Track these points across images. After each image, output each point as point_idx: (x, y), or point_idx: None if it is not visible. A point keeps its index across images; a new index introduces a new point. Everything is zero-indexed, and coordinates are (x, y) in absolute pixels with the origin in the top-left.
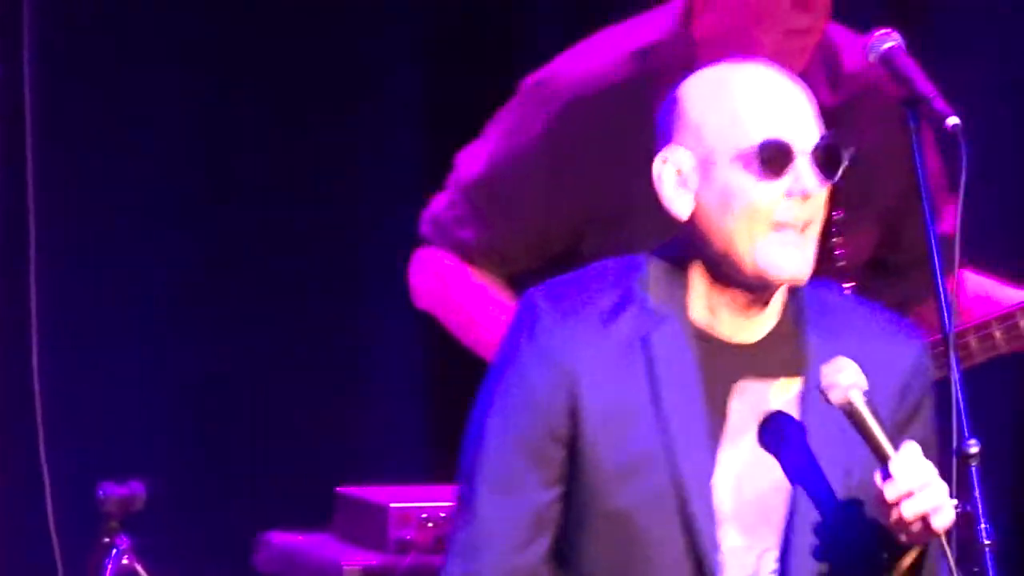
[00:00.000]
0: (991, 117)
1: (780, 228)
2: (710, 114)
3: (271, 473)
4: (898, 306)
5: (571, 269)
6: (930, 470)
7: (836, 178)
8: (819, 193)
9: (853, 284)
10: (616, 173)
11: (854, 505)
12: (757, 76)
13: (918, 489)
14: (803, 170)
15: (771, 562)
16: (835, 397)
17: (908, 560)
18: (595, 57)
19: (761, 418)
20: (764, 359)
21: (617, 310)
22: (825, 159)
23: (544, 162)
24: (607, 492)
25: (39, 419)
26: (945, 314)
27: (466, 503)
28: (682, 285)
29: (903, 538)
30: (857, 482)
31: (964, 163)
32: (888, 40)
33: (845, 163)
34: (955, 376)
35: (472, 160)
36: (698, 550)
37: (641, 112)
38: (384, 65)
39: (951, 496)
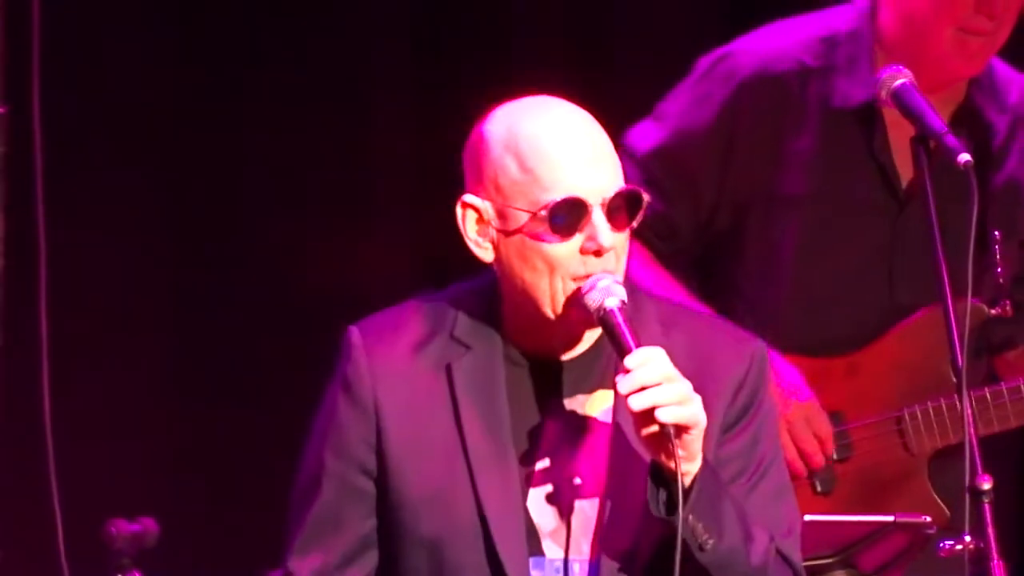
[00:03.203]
0: None
1: (579, 280)
2: (505, 168)
3: (283, 511)
4: (1010, 341)
5: (726, 253)
6: (667, 370)
7: (636, 224)
8: (616, 244)
9: (1008, 301)
10: (790, 153)
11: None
12: (555, 126)
13: (651, 383)
14: (598, 225)
15: (589, 571)
16: (592, 302)
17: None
18: (781, 38)
19: (576, 433)
20: (582, 375)
21: (426, 341)
22: (621, 207)
23: (722, 135)
24: (414, 520)
25: (50, 456)
26: (956, 348)
27: (291, 536)
28: (493, 313)
29: (648, 454)
30: None
31: (975, 198)
32: (899, 77)
33: (643, 209)
34: (967, 413)
35: (645, 134)
36: (506, 573)
37: (820, 97)
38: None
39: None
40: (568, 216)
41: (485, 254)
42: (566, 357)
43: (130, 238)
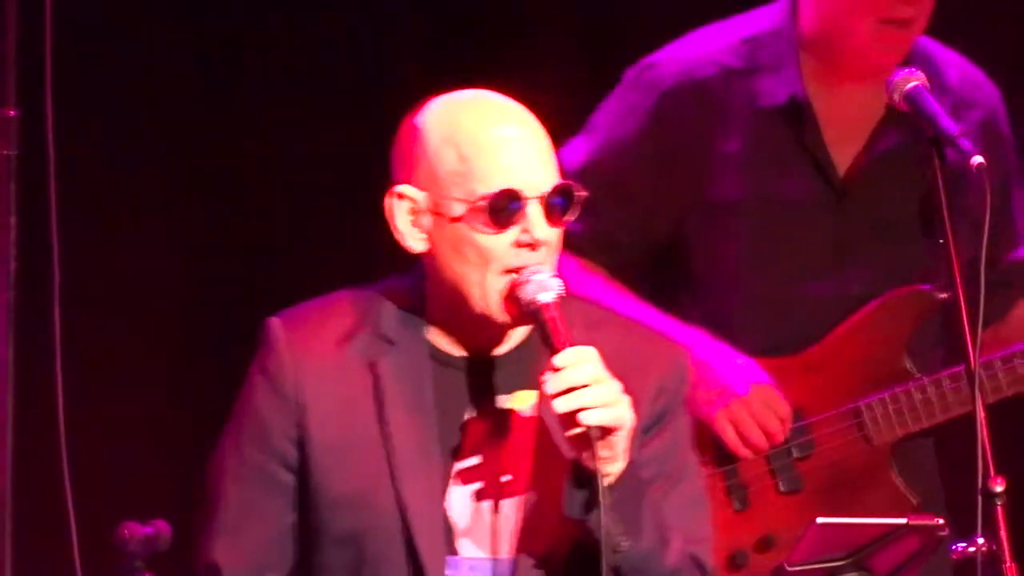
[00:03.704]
0: None
1: (512, 273)
2: (443, 159)
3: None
4: (1002, 315)
5: (672, 260)
6: (597, 372)
7: (572, 219)
8: (550, 239)
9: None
10: (720, 157)
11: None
12: (492, 119)
13: (578, 384)
14: (534, 218)
15: (507, 570)
16: (524, 296)
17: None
18: (703, 44)
19: (501, 432)
20: (505, 374)
21: (350, 336)
22: (558, 203)
23: (650, 145)
24: (335, 517)
25: (64, 458)
26: (971, 350)
27: (209, 528)
28: (419, 309)
29: (571, 453)
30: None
31: (988, 200)
32: (912, 79)
33: (579, 205)
34: (979, 415)
35: (576, 150)
36: (424, 572)
37: (746, 98)
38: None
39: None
40: (505, 208)
41: (417, 245)
42: (493, 354)
43: (146, 240)
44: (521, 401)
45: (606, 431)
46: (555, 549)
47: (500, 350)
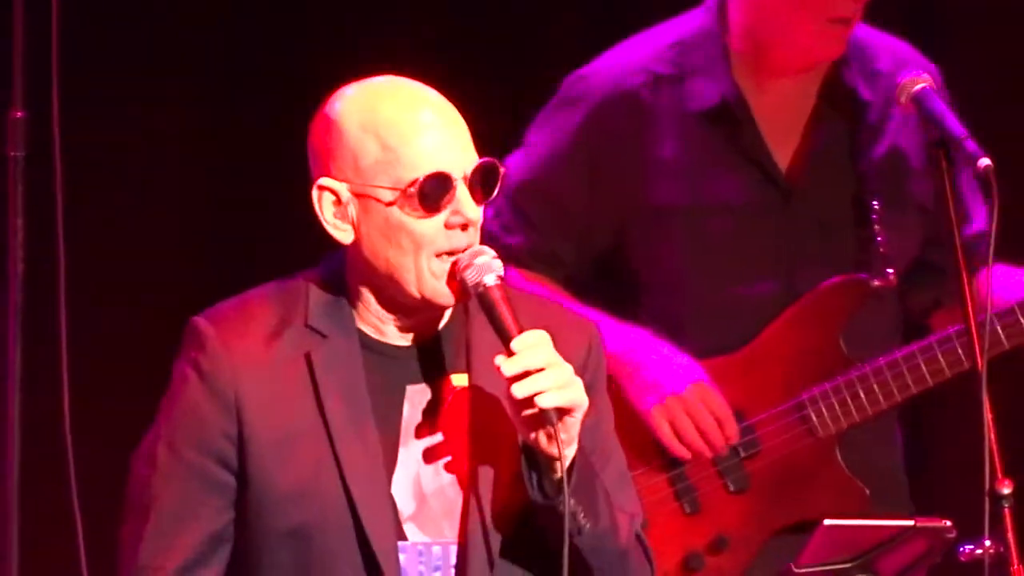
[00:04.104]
0: None
1: (443, 257)
2: (365, 148)
3: None
4: (937, 303)
5: (618, 269)
6: (551, 355)
7: (494, 195)
8: (478, 217)
9: (893, 271)
10: (655, 164)
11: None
12: (408, 105)
13: (535, 367)
14: (462, 198)
15: (453, 555)
16: (468, 279)
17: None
18: (631, 53)
19: (435, 415)
20: (434, 359)
21: (279, 331)
22: (482, 180)
23: (584, 159)
24: (282, 513)
25: (71, 460)
26: (978, 353)
27: (138, 530)
28: (347, 300)
29: (524, 436)
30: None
31: (996, 202)
32: (919, 81)
33: (501, 180)
34: (987, 417)
35: (513, 166)
36: (376, 560)
37: (676, 103)
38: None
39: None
40: (434, 191)
41: (344, 236)
42: (423, 339)
43: (154, 241)
44: (451, 385)
45: (562, 411)
46: (501, 530)
47: (429, 332)
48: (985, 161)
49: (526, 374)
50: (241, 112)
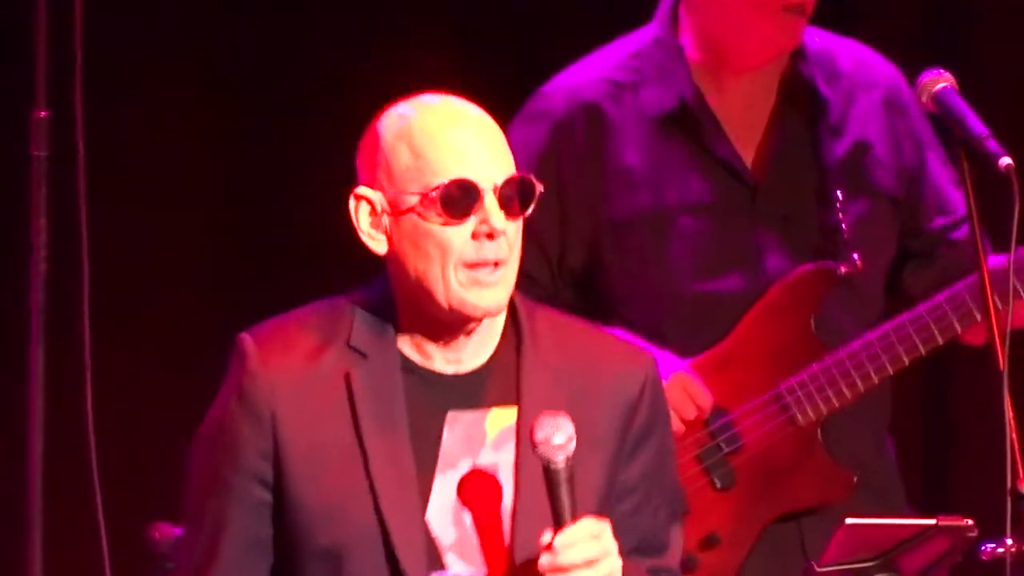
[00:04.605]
0: None
1: (471, 267)
2: (398, 155)
3: None
4: (939, 284)
5: (593, 285)
6: (594, 551)
7: (528, 212)
8: (508, 230)
9: (859, 255)
10: (620, 174)
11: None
12: (447, 113)
13: (576, 564)
14: (490, 209)
15: None
16: (541, 452)
17: None
18: (591, 66)
19: (476, 445)
20: (478, 389)
21: (321, 349)
22: (513, 195)
23: (548, 176)
24: (314, 532)
25: (93, 459)
26: (999, 351)
27: (189, 543)
28: (390, 320)
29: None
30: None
31: (1017, 202)
32: (940, 81)
33: (537, 196)
34: (1008, 415)
35: None
36: None
37: (637, 110)
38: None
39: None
40: (459, 198)
41: (378, 246)
42: (456, 371)
43: (176, 240)
44: (495, 416)
45: None
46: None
47: (472, 364)
48: (1006, 160)
49: (563, 569)
50: (270, 112)
